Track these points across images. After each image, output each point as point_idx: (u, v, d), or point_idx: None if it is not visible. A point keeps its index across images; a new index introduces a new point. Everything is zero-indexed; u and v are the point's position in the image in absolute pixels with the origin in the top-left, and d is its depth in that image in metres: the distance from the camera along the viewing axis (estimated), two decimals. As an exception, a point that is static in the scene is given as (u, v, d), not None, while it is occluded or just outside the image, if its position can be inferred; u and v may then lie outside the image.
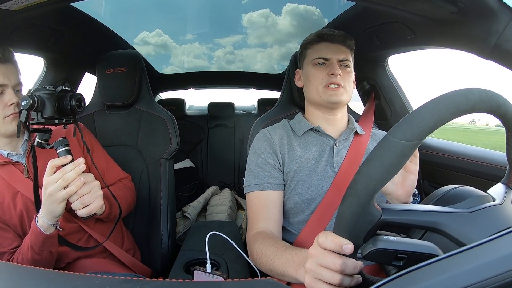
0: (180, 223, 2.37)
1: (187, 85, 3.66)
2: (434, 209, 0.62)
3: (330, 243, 0.65)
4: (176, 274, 1.26)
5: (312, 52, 1.30)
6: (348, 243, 0.62)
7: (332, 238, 0.64)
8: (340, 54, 1.26)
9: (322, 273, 0.67)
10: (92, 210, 1.09)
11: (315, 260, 0.68)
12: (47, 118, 1.07)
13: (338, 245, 0.63)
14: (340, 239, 0.63)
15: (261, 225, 1.17)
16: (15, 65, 1.18)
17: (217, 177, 3.37)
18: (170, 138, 1.67)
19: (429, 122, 0.54)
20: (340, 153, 1.25)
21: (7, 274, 0.63)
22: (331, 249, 0.65)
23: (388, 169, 0.54)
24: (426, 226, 0.60)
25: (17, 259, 1.11)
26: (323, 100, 1.25)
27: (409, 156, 0.55)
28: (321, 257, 0.67)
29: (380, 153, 0.55)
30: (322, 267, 0.67)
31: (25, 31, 1.35)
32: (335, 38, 1.27)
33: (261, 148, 1.27)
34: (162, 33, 2.76)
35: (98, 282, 0.55)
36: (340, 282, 0.65)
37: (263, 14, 2.70)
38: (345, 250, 0.62)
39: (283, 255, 0.97)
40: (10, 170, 1.18)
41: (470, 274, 0.43)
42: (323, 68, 1.26)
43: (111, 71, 1.68)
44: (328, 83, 1.23)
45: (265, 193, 1.21)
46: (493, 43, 0.95)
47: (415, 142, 0.54)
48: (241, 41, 3.02)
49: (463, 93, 0.56)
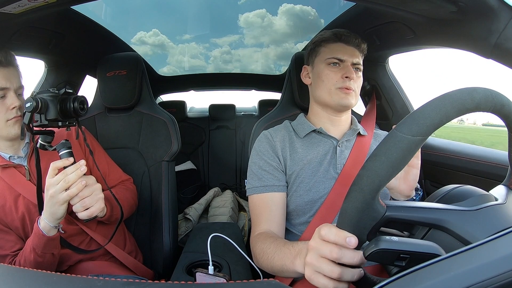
0: (182, 225, 2.37)
1: (188, 87, 3.67)
2: (438, 206, 0.62)
3: (333, 236, 0.64)
4: (178, 276, 1.26)
5: (326, 50, 1.27)
6: (352, 236, 0.61)
7: (336, 231, 0.64)
8: (355, 57, 1.24)
9: (322, 266, 0.66)
10: (93, 213, 1.09)
11: (316, 252, 0.68)
12: (51, 120, 1.07)
13: (341, 238, 0.62)
14: (344, 232, 0.62)
15: (264, 226, 1.17)
16: (17, 69, 1.18)
17: (219, 179, 3.37)
18: (171, 140, 1.67)
19: (434, 119, 0.54)
20: (343, 154, 1.24)
21: (9, 277, 0.63)
22: (334, 241, 0.64)
23: (394, 165, 0.54)
24: (430, 223, 0.61)
25: (19, 262, 1.12)
26: (334, 101, 1.23)
27: (415, 152, 0.55)
28: (321, 248, 0.66)
29: (386, 149, 0.55)
30: (322, 260, 0.66)
31: (25, 34, 1.36)
32: (351, 40, 1.25)
33: (263, 150, 1.27)
34: (159, 32, 2.77)
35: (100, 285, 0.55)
36: (340, 275, 0.63)
37: (259, 14, 2.71)
38: (348, 243, 0.61)
39: (282, 250, 0.96)
40: (12, 173, 1.18)
41: (473, 274, 0.42)
42: (337, 69, 1.24)
43: (112, 73, 1.69)
44: (342, 87, 1.21)
45: (268, 195, 1.20)
46: (493, 42, 0.95)
47: (421, 138, 0.54)
48: (238, 41, 3.03)
49: (468, 91, 0.56)
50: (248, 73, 3.51)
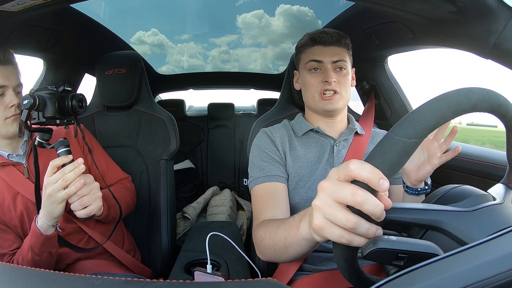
0: (180, 223, 2.37)
1: (186, 85, 3.67)
2: (435, 207, 0.62)
3: (367, 172, 0.51)
4: (177, 274, 1.26)
5: (305, 56, 1.27)
6: (386, 179, 0.51)
7: (371, 168, 0.52)
8: (334, 56, 1.22)
9: (335, 213, 0.55)
10: (91, 211, 1.09)
11: (329, 195, 0.55)
12: (48, 118, 1.07)
13: (376, 177, 0.51)
14: (379, 171, 0.51)
15: (268, 214, 1.11)
16: (15, 67, 1.18)
17: (217, 178, 3.37)
18: (170, 139, 1.67)
19: (430, 120, 0.54)
20: (340, 153, 1.25)
21: (7, 275, 0.63)
22: (366, 179, 0.51)
23: (389, 167, 0.54)
24: (428, 225, 0.60)
25: (17, 261, 1.11)
26: (319, 108, 1.24)
27: (411, 153, 0.55)
28: (338, 190, 0.54)
29: (382, 151, 0.55)
30: (335, 205, 0.55)
31: (24, 32, 1.35)
32: (328, 40, 1.23)
33: (264, 144, 1.26)
34: (158, 32, 2.77)
35: (98, 283, 0.55)
36: (355, 225, 0.53)
37: (257, 15, 2.72)
38: (381, 186, 0.50)
39: (285, 222, 0.88)
40: (10, 171, 1.18)
41: (471, 274, 0.42)
42: (317, 74, 1.23)
43: (111, 72, 1.68)
44: (323, 90, 1.21)
45: (271, 184, 1.18)
46: (492, 42, 0.95)
47: (417, 140, 0.54)
48: (236, 41, 3.04)
49: (465, 92, 0.56)
50: (247, 72, 3.51)
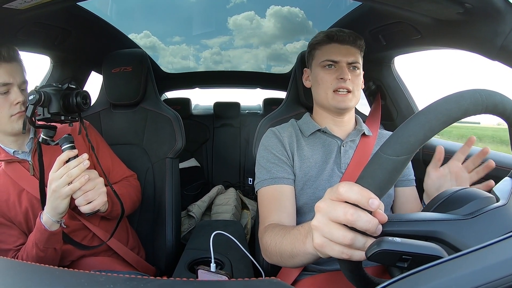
0: (185, 222, 2.37)
1: (192, 84, 3.67)
2: (432, 217, 0.61)
3: (355, 194, 0.54)
4: (180, 273, 1.26)
5: (320, 53, 1.27)
6: (376, 198, 0.54)
7: (359, 189, 0.54)
8: (350, 56, 1.22)
9: (332, 231, 0.57)
10: (96, 207, 1.09)
11: (325, 215, 0.59)
12: (53, 114, 1.08)
13: (365, 197, 0.53)
14: (368, 191, 0.54)
15: (274, 217, 1.12)
16: (20, 64, 1.18)
17: (222, 177, 3.37)
18: (175, 137, 1.67)
19: (418, 135, 0.53)
20: (347, 153, 1.24)
21: (12, 271, 0.63)
22: (355, 200, 0.54)
23: (380, 186, 0.54)
24: (425, 236, 0.60)
25: (21, 257, 1.12)
26: (331, 105, 1.23)
27: (402, 170, 0.55)
28: (332, 210, 0.57)
29: (372, 171, 0.55)
30: (331, 224, 0.58)
31: (31, 30, 1.36)
32: (344, 39, 1.23)
33: (271, 144, 1.26)
34: (150, 34, 2.79)
35: (102, 280, 0.55)
36: (352, 241, 0.56)
37: (247, 16, 2.73)
38: (371, 205, 0.53)
39: (291, 233, 0.90)
40: (15, 168, 1.19)
41: (474, 277, 0.42)
42: (332, 71, 1.23)
43: (117, 70, 1.69)
44: (337, 88, 1.20)
45: (277, 186, 1.18)
46: (499, 44, 0.95)
47: (406, 157, 0.54)
48: (228, 42, 3.06)
49: (454, 99, 0.55)
50: (253, 71, 3.50)
